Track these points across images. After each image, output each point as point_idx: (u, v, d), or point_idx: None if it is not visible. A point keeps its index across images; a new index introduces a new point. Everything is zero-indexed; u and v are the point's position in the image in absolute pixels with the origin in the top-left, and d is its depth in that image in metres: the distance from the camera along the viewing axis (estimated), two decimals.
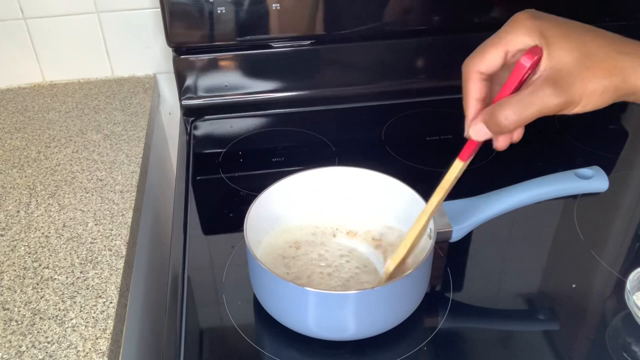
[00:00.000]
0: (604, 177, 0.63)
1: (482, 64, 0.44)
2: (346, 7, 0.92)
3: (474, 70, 0.44)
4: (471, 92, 0.44)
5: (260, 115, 0.98)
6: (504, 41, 0.43)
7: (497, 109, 0.42)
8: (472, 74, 0.44)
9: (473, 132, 0.44)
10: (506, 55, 0.43)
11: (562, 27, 0.42)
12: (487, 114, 0.43)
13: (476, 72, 0.44)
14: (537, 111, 0.41)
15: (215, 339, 0.60)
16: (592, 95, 0.40)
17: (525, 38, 0.42)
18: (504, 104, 0.42)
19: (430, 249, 0.55)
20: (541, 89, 0.40)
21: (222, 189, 0.80)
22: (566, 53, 0.40)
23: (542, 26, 0.42)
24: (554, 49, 0.41)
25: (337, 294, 0.54)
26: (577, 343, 0.58)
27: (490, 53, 0.43)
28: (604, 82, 0.40)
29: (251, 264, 0.58)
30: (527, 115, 0.41)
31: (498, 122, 0.42)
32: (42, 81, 1.01)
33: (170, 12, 0.87)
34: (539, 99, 0.40)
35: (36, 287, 0.61)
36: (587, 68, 0.40)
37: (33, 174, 0.79)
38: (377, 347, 0.56)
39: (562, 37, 0.41)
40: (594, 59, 0.40)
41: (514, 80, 0.42)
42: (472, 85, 0.44)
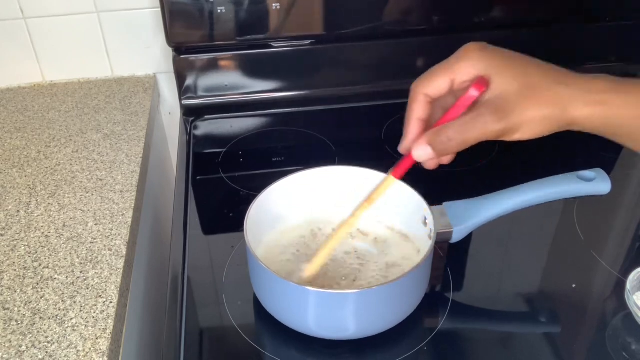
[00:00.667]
0: (606, 180, 0.63)
1: (429, 87, 0.46)
2: (346, 7, 0.92)
3: (421, 92, 0.47)
4: (415, 112, 0.47)
5: (260, 115, 0.98)
6: (452, 69, 0.45)
7: (442, 130, 0.45)
8: (418, 95, 0.47)
9: (416, 152, 0.46)
10: (452, 82, 0.46)
11: (508, 59, 0.44)
12: (433, 135, 0.45)
13: (422, 94, 0.47)
14: (478, 135, 0.43)
15: (215, 339, 0.60)
16: (531, 123, 0.42)
17: (471, 69, 0.44)
18: (448, 126, 0.44)
19: (430, 249, 0.55)
20: (483, 115, 0.43)
21: (222, 189, 0.80)
22: (509, 83, 0.43)
23: (489, 58, 0.44)
24: (498, 79, 0.43)
25: (337, 293, 0.54)
26: (577, 343, 0.58)
27: (439, 79, 0.46)
28: (544, 111, 0.42)
29: (251, 263, 0.58)
30: (469, 138, 0.43)
31: (442, 142, 0.44)
32: (42, 81, 1.01)
33: (170, 12, 0.87)
34: (480, 124, 0.43)
35: (36, 286, 0.61)
36: (527, 97, 0.42)
37: (33, 174, 0.79)
38: (377, 347, 0.57)
39: (506, 68, 0.43)
40: (536, 88, 0.42)
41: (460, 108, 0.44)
42: (417, 105, 0.47)
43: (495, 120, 0.42)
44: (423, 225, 0.61)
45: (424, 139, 0.46)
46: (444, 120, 0.46)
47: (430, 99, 0.46)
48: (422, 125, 0.47)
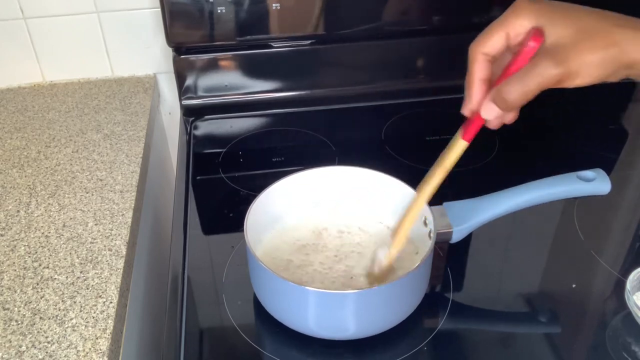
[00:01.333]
0: (606, 180, 0.63)
1: (486, 45, 0.46)
2: (346, 7, 0.92)
3: (479, 52, 0.47)
4: (476, 72, 0.47)
5: (260, 115, 0.98)
6: (506, 24, 0.45)
7: (502, 85, 0.45)
8: (477, 55, 0.47)
9: (484, 110, 0.47)
10: (508, 37, 0.46)
11: (560, 7, 0.44)
12: (495, 92, 0.46)
13: (481, 54, 0.47)
14: (538, 83, 0.43)
15: (215, 339, 0.60)
16: (590, 66, 0.42)
17: (524, 21, 0.45)
18: (508, 81, 0.44)
19: (430, 249, 0.55)
20: (540, 61, 0.43)
21: (222, 189, 0.80)
22: (563, 29, 0.43)
23: (541, 9, 0.44)
24: (552, 27, 0.43)
25: (337, 293, 0.54)
26: (577, 343, 0.58)
27: (494, 35, 0.46)
28: (601, 53, 0.42)
29: (251, 263, 0.58)
30: (530, 87, 0.43)
31: (504, 97, 0.45)
32: (42, 81, 1.01)
33: (170, 12, 0.87)
34: (538, 71, 0.43)
35: (36, 287, 0.61)
36: (583, 40, 0.42)
37: (33, 174, 0.79)
38: (377, 347, 0.56)
39: (559, 16, 0.43)
40: (591, 32, 0.42)
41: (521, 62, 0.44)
42: (477, 65, 0.47)
43: (554, 65, 0.42)
44: (423, 225, 0.61)
45: (488, 98, 0.46)
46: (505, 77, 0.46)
47: (489, 57, 0.47)
48: (485, 85, 0.47)
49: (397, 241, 0.58)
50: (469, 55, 0.48)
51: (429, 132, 0.90)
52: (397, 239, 0.58)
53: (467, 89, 0.48)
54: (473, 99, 0.47)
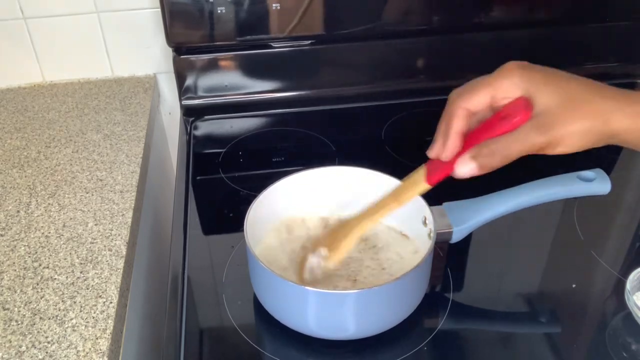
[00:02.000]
0: (606, 180, 0.63)
1: (470, 102, 0.47)
2: (346, 7, 0.92)
3: (462, 106, 0.47)
4: (455, 126, 0.47)
5: (260, 115, 0.98)
6: (494, 86, 0.46)
7: (485, 146, 0.45)
8: (459, 110, 0.47)
9: (460, 166, 0.47)
10: (493, 98, 0.46)
11: (548, 76, 0.45)
12: (476, 152, 0.46)
13: (463, 108, 0.47)
14: (522, 149, 0.44)
15: (215, 339, 0.60)
16: (574, 136, 0.43)
17: (512, 87, 0.45)
18: (491, 142, 0.45)
19: (430, 249, 0.55)
20: (526, 129, 0.44)
21: (222, 189, 0.80)
22: (550, 98, 0.44)
23: (530, 76, 0.45)
24: (540, 95, 0.44)
25: (337, 293, 0.54)
26: (577, 343, 0.58)
27: (480, 94, 0.47)
28: (586, 124, 0.43)
29: (251, 263, 0.58)
30: (512, 152, 0.44)
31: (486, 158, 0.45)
32: (42, 81, 1.01)
33: (170, 12, 0.87)
34: (523, 138, 0.44)
35: (36, 287, 0.61)
36: (569, 110, 0.43)
37: (33, 174, 0.79)
38: (377, 347, 0.56)
39: (547, 85, 0.44)
40: (577, 102, 0.43)
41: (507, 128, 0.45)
42: (457, 119, 0.47)
43: (538, 133, 0.43)
44: (423, 225, 0.61)
45: (468, 155, 0.46)
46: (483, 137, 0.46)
47: (469, 112, 0.47)
48: (461, 138, 0.48)
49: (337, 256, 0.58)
50: (448, 106, 0.48)
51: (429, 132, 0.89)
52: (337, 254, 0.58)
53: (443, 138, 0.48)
54: (448, 150, 0.48)
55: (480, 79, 0.47)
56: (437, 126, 0.49)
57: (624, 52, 1.03)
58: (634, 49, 1.03)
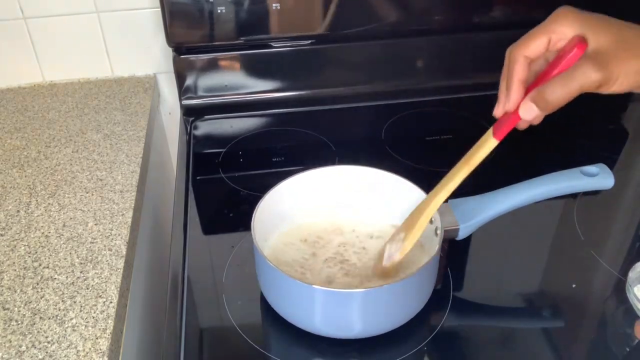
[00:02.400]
0: (609, 174, 0.63)
1: (529, 49, 0.48)
2: (346, 7, 0.92)
3: (521, 54, 0.49)
4: (517, 74, 0.49)
5: (260, 115, 0.98)
6: (550, 30, 0.47)
7: (545, 87, 0.46)
8: (519, 57, 0.49)
9: (524, 110, 0.48)
10: (549, 42, 0.48)
11: (600, 19, 0.47)
12: (536, 93, 0.47)
13: (522, 56, 0.48)
14: (580, 86, 0.45)
15: (215, 339, 0.60)
16: (628, 73, 0.45)
17: (568, 28, 0.47)
18: (550, 82, 0.46)
19: (438, 246, 0.55)
20: (583, 65, 0.45)
21: (222, 189, 0.80)
22: (605, 38, 0.45)
23: (584, 18, 0.47)
24: (594, 36, 0.45)
25: (344, 292, 0.54)
26: (577, 343, 0.58)
27: (537, 40, 0.48)
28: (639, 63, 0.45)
29: (259, 262, 0.58)
30: (572, 89, 0.45)
31: (547, 98, 0.46)
32: (42, 81, 1.01)
33: (170, 12, 0.87)
34: (580, 74, 0.45)
35: (36, 286, 0.61)
36: (624, 49, 0.45)
37: (33, 174, 0.79)
38: (380, 346, 0.56)
39: (600, 26, 0.46)
40: (630, 42, 0.45)
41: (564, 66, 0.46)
42: (519, 67, 0.49)
43: (595, 69, 0.44)
44: (428, 222, 0.61)
45: (528, 98, 0.48)
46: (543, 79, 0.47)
47: (528, 60, 0.49)
48: (523, 86, 0.49)
49: (413, 235, 0.58)
50: (509, 57, 0.49)
51: (429, 132, 0.90)
52: (413, 233, 0.58)
53: (506, 88, 0.49)
54: (512, 99, 0.49)
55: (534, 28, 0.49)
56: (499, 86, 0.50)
57: None
58: None
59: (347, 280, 0.60)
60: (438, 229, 0.58)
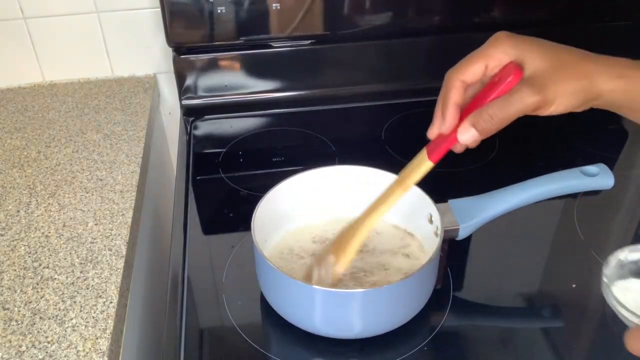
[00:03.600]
0: (609, 174, 0.63)
1: (466, 74, 0.49)
2: (346, 7, 0.92)
3: (458, 79, 0.49)
4: (452, 98, 0.49)
5: (260, 115, 0.98)
6: (486, 55, 0.48)
7: (483, 110, 0.47)
8: (456, 82, 0.49)
9: (462, 134, 0.49)
10: (486, 68, 0.49)
11: (536, 43, 0.48)
12: (475, 117, 0.48)
13: (459, 80, 0.49)
14: (518, 110, 0.46)
15: (215, 339, 0.60)
16: (564, 95, 0.46)
17: (503, 55, 0.48)
18: (488, 106, 0.47)
19: (438, 247, 0.55)
20: (520, 90, 0.46)
21: (222, 189, 0.80)
22: (541, 61, 0.46)
23: (519, 43, 0.47)
24: (530, 60, 0.46)
25: (345, 292, 0.54)
26: (577, 343, 0.58)
27: (474, 65, 0.49)
28: (575, 84, 0.46)
29: (259, 262, 0.58)
30: (509, 113, 0.46)
31: (485, 122, 0.47)
32: (42, 81, 1.01)
33: (170, 12, 0.87)
34: (518, 99, 0.46)
35: (36, 287, 0.61)
36: (559, 72, 0.46)
37: (33, 174, 0.79)
38: (379, 346, 0.56)
39: (536, 51, 0.47)
40: (565, 65, 0.46)
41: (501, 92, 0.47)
42: (455, 91, 0.49)
43: (532, 93, 0.45)
44: (428, 222, 0.61)
45: (467, 122, 0.48)
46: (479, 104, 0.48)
47: (465, 84, 0.49)
48: (458, 110, 0.49)
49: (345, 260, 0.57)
50: (446, 81, 0.50)
51: None
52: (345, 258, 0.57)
53: (441, 111, 0.50)
54: (447, 122, 0.49)
55: (472, 53, 0.49)
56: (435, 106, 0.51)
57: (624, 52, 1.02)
58: (634, 49, 1.03)
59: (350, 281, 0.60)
60: (438, 229, 0.58)
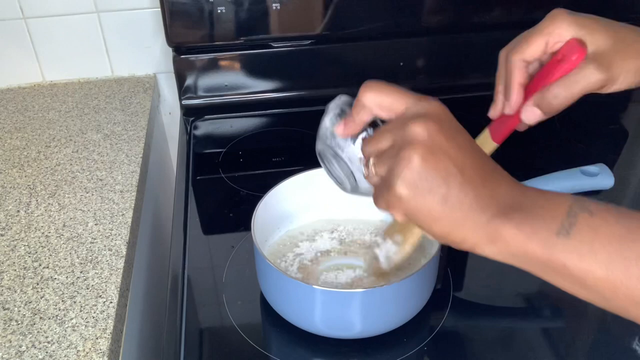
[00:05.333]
0: (609, 174, 0.63)
1: (526, 52, 0.48)
2: (346, 7, 0.92)
3: (519, 58, 0.48)
4: (516, 78, 0.48)
5: (260, 115, 0.98)
6: (546, 33, 0.47)
7: (547, 91, 0.46)
8: (517, 62, 0.48)
9: (526, 114, 0.48)
10: (546, 45, 0.47)
11: (595, 20, 0.47)
12: (539, 97, 0.47)
13: (520, 60, 0.48)
14: (583, 88, 0.45)
15: (215, 339, 0.60)
16: (629, 72, 0.45)
17: (565, 31, 0.46)
18: (553, 86, 0.46)
19: (438, 247, 0.55)
20: (586, 68, 0.45)
21: (222, 189, 0.80)
22: (603, 39, 0.45)
23: (580, 20, 0.46)
24: (592, 37, 0.46)
25: (344, 292, 0.54)
26: (577, 343, 0.58)
27: (535, 43, 0.48)
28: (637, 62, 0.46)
29: (259, 262, 0.58)
30: (575, 91, 0.46)
31: (550, 102, 0.46)
32: (42, 81, 1.01)
33: (170, 12, 0.87)
34: (583, 76, 0.45)
35: (36, 287, 0.61)
36: (622, 50, 0.45)
37: (33, 174, 0.79)
38: (379, 346, 0.56)
39: (597, 27, 0.46)
40: (627, 43, 0.46)
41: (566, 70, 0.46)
42: (518, 71, 0.48)
43: (599, 71, 0.45)
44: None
45: (531, 102, 0.48)
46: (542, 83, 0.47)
47: (526, 63, 0.49)
48: (523, 90, 0.49)
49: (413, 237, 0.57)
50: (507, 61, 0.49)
51: None
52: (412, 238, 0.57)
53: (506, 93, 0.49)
54: (512, 103, 0.49)
55: (529, 30, 0.48)
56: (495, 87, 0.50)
57: None
58: None
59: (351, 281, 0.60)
60: None
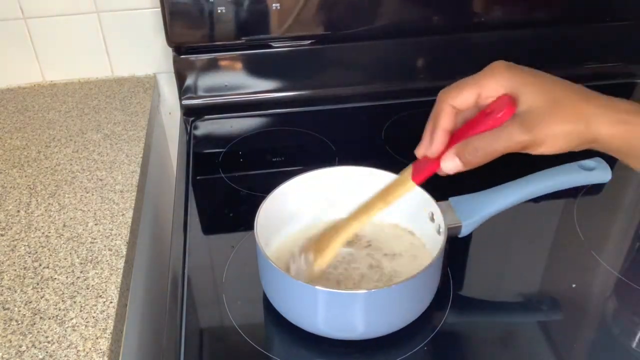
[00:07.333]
0: (606, 168, 0.63)
1: (457, 100, 0.47)
2: (346, 7, 0.92)
3: (449, 104, 0.48)
4: (442, 124, 0.48)
5: (260, 115, 0.98)
6: (480, 84, 0.47)
7: (469, 143, 0.46)
8: (446, 107, 0.48)
9: (445, 162, 0.48)
10: (479, 96, 0.47)
11: (533, 76, 0.46)
12: (460, 148, 0.47)
13: (450, 106, 0.48)
14: (504, 147, 0.45)
15: (215, 339, 0.60)
16: (555, 137, 0.44)
17: (498, 85, 0.46)
18: (475, 138, 0.46)
19: (441, 248, 0.55)
20: (509, 127, 0.44)
21: (222, 189, 0.80)
22: (535, 98, 0.44)
23: (516, 76, 0.46)
24: (524, 95, 0.44)
25: (347, 293, 0.54)
26: (577, 343, 0.58)
27: (467, 92, 0.47)
28: (568, 126, 0.44)
29: (262, 263, 0.58)
30: (496, 148, 0.45)
31: (469, 154, 0.46)
32: (42, 81, 1.01)
33: (170, 12, 0.87)
34: (506, 135, 0.44)
35: (36, 286, 0.61)
36: (553, 112, 0.44)
37: (33, 174, 0.79)
38: (381, 346, 0.56)
39: (532, 85, 0.45)
40: (561, 104, 0.44)
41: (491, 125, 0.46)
42: (445, 116, 0.48)
43: (522, 132, 0.43)
44: (430, 221, 0.61)
45: (452, 151, 0.47)
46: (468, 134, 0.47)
47: (456, 110, 0.48)
48: (447, 136, 0.48)
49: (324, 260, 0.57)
50: (438, 102, 0.49)
51: None
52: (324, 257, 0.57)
53: (430, 135, 0.49)
54: (434, 147, 0.48)
55: (467, 78, 0.48)
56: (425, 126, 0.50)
57: (624, 52, 1.03)
58: (634, 49, 1.03)
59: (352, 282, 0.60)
60: (441, 228, 0.58)
